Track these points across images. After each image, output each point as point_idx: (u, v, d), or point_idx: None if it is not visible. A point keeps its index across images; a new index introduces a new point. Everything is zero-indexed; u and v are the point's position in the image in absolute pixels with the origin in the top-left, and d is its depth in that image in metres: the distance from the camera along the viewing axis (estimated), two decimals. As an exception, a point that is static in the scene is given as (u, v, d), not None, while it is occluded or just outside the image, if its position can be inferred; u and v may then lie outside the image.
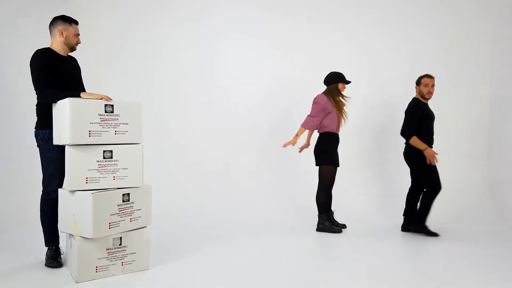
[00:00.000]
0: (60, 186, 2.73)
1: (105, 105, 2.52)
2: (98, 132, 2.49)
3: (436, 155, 3.63)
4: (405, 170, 3.97)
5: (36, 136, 2.77)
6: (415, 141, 3.66)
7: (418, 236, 3.69)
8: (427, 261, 2.94)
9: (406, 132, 3.71)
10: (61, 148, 2.65)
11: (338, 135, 3.94)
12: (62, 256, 2.84)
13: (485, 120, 5.00)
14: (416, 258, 3.03)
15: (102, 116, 2.51)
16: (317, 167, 3.97)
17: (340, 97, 3.90)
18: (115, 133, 2.56)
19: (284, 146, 3.91)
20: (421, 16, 5.04)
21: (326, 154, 3.87)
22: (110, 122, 2.54)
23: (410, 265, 2.87)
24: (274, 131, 5.12)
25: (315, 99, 3.91)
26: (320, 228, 3.87)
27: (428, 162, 3.64)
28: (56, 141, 2.62)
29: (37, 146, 2.78)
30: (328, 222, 3.87)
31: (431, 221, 3.99)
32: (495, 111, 4.91)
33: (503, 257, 3.06)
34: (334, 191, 4.10)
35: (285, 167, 5.08)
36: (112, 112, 2.55)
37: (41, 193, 2.79)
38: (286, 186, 4.99)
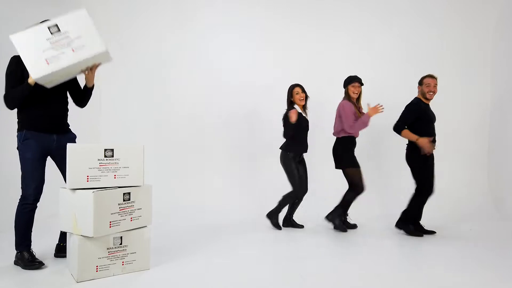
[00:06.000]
0: (39, 190, 2.69)
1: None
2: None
3: (430, 144, 3.58)
4: (406, 170, 3.96)
5: (17, 138, 2.74)
6: (407, 133, 3.66)
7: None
8: (427, 261, 2.93)
9: (397, 125, 3.71)
10: (41, 150, 2.67)
11: (355, 138, 3.95)
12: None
13: (485, 120, 5.01)
14: (416, 258, 3.03)
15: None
16: (331, 170, 3.94)
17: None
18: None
19: None
20: (422, 17, 5.07)
21: (348, 157, 3.88)
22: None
23: (410, 265, 2.87)
24: (275, 131, 5.12)
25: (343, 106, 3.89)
26: (335, 223, 3.87)
27: (423, 153, 3.60)
28: None
29: (17, 148, 2.73)
30: (338, 220, 3.86)
31: (431, 221, 3.99)
32: (495, 111, 4.92)
33: (503, 257, 3.06)
34: (335, 191, 4.10)
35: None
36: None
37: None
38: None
